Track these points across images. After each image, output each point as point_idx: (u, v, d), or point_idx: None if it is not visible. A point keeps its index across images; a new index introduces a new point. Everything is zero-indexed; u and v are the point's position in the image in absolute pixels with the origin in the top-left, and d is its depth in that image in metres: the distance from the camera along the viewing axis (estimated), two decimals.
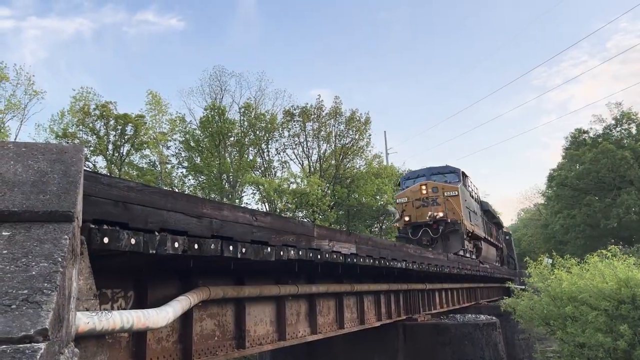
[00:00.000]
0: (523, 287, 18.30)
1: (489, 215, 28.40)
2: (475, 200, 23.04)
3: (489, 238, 25.31)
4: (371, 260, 7.28)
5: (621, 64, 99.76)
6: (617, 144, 38.94)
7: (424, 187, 18.09)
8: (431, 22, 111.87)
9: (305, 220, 28.12)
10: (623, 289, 10.66)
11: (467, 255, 17.93)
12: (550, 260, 17.53)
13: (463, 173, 20.12)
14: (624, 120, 41.14)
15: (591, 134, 42.33)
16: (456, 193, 17.99)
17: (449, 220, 17.24)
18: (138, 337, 4.10)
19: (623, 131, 41.44)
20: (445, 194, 17.89)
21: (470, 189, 21.62)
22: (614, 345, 10.18)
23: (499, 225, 33.09)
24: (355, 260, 6.69)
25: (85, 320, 2.45)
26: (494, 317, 13.10)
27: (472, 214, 20.24)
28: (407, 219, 17.93)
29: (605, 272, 11.45)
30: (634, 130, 41.24)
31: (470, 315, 14.47)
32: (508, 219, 70.64)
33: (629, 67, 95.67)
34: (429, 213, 17.57)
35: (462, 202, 18.01)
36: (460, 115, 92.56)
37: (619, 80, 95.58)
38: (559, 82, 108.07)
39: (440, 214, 17.21)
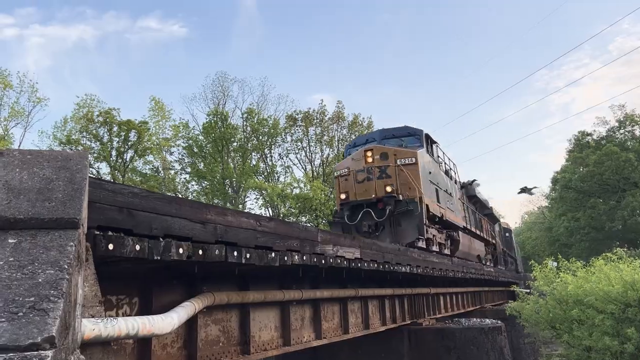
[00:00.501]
0: (528, 290, 18.22)
1: (477, 203, 23.16)
2: (452, 179, 17.89)
3: (475, 230, 20.18)
4: (375, 265, 7.26)
5: (623, 66, 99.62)
6: (621, 146, 38.90)
7: (369, 153, 13.06)
8: (432, 25, 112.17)
9: (309, 225, 28.11)
10: (629, 291, 10.60)
11: (434, 248, 13.26)
12: (555, 264, 17.35)
13: (428, 137, 14.92)
14: (627, 123, 41.09)
15: (595, 137, 42.31)
16: (413, 160, 12.94)
17: (401, 198, 12.25)
18: (143, 343, 4.09)
19: (627, 133, 41.40)
20: (398, 161, 12.84)
21: (440, 160, 16.26)
22: (621, 348, 10.11)
23: (493, 218, 27.77)
24: (359, 264, 6.68)
25: (90, 327, 2.45)
26: (499, 321, 13.04)
27: (441, 193, 14.88)
28: (343, 196, 12.90)
29: (611, 275, 11.39)
30: (637, 133, 41.18)
31: (475, 319, 14.41)
32: (512, 222, 70.37)
33: (631, 69, 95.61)
34: (385, 188, 12.50)
35: (422, 173, 13.09)
36: (462, 118, 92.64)
37: (622, 83, 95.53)
38: (561, 84, 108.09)
39: (388, 189, 12.18)
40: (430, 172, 14.04)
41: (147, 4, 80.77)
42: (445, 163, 17.09)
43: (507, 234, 33.91)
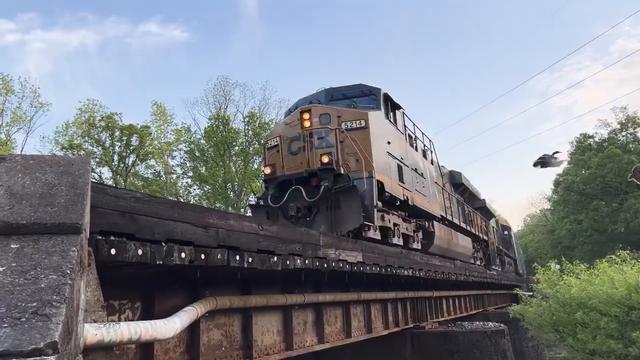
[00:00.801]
0: (531, 293, 18.15)
1: (465, 193, 20.15)
2: (427, 159, 14.53)
3: (460, 223, 16.95)
4: (378, 269, 7.25)
5: (625, 68, 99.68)
6: (623, 148, 38.84)
7: (306, 115, 10.05)
8: (433, 27, 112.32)
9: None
10: (633, 294, 10.56)
11: (395, 239, 10.44)
12: (558, 266, 17.24)
13: (387, 98, 11.56)
14: (629, 125, 41.04)
15: (596, 139, 42.25)
16: (363, 124, 9.99)
17: (342, 172, 9.37)
18: (145, 348, 4.08)
19: (629, 135, 41.33)
20: (343, 125, 9.96)
21: (407, 132, 12.79)
22: (626, 352, 10.06)
23: (486, 212, 24.29)
24: (361, 268, 6.67)
25: (93, 332, 2.44)
26: (502, 325, 12.99)
27: (407, 171, 11.77)
28: (267, 171, 10.12)
29: (615, 277, 11.34)
30: (639, 135, 41.10)
31: (478, 322, 14.35)
32: (514, 225, 70.33)
33: (633, 71, 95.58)
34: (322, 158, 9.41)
35: (374, 140, 10.06)
36: (463, 122, 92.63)
37: (623, 85, 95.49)
38: (562, 87, 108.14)
39: (325, 159, 9.28)
40: (389, 142, 10.96)
41: (147, 8, 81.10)
42: (416, 137, 13.79)
43: (505, 232, 31.75)
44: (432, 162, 15.10)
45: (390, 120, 11.54)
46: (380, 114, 10.98)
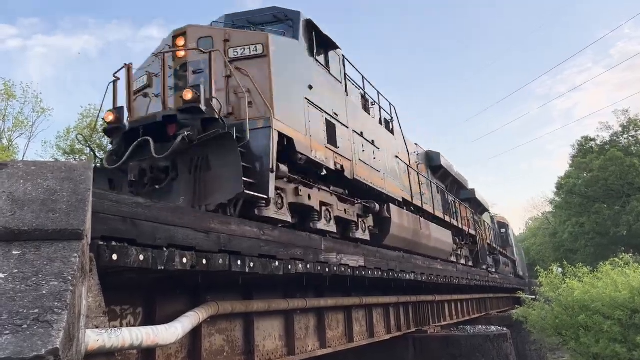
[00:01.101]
0: (534, 297, 18.10)
1: (447, 179, 17.34)
2: (389, 129, 11.73)
3: (434, 211, 13.95)
4: (379, 273, 7.24)
5: (626, 71, 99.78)
6: (625, 151, 38.76)
7: (180, 40, 6.82)
8: (432, 28, 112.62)
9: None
10: (637, 297, 10.52)
11: (320, 224, 7.34)
12: (560, 270, 17.17)
13: (310, 26, 8.13)
14: (631, 127, 41.01)
15: (598, 142, 42.19)
16: (260, 50, 6.70)
17: (216, 115, 5.94)
18: (147, 353, 4.07)
19: (630, 138, 41.27)
20: (232, 52, 6.76)
21: (352, 85, 9.91)
22: (630, 355, 10.02)
23: (475, 203, 21.39)
24: (363, 272, 6.66)
25: (95, 338, 2.44)
26: (504, 328, 12.95)
27: (342, 132, 8.54)
28: (110, 118, 6.54)
29: (618, 280, 11.32)
30: None
31: (480, 326, 14.31)
32: (516, 229, 70.10)
33: (634, 74, 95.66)
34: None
35: (276, 75, 6.70)
36: (463, 125, 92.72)
37: (624, 88, 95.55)
38: (563, 90, 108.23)
39: (188, 96, 5.84)
40: (310, 87, 7.72)
41: (149, 11, 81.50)
42: (368, 96, 10.69)
43: (502, 230, 29.63)
44: (392, 132, 11.93)
45: (316, 59, 8.26)
46: (297, 44, 7.78)
